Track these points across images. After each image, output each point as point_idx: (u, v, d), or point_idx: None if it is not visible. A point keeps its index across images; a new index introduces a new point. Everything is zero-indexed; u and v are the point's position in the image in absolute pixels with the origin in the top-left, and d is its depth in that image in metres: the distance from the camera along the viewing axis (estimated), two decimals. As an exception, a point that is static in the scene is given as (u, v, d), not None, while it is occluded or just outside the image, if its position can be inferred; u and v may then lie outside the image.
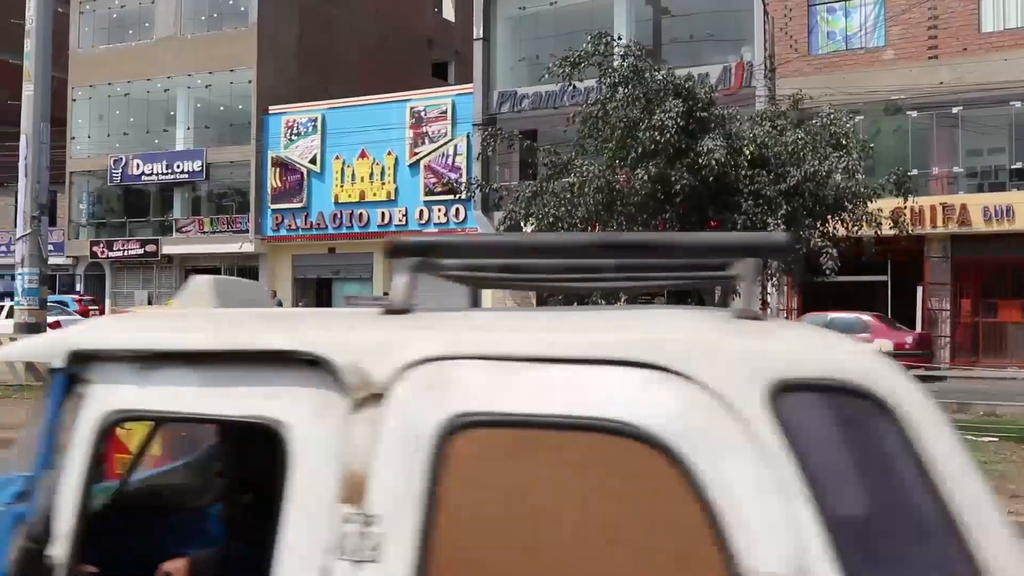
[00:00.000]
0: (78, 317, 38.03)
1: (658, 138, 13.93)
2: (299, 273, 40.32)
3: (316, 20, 42.07)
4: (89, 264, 45.01)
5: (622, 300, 16.56)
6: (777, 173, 14.76)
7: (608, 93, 15.02)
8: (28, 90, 24.05)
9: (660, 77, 14.77)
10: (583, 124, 15.65)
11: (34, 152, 23.77)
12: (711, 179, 14.01)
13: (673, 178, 13.90)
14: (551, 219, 15.15)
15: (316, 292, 40.37)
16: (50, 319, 25.54)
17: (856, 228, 15.91)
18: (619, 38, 15.74)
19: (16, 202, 27.44)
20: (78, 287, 44.87)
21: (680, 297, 13.19)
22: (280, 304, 36.78)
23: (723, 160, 13.85)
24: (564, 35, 17.55)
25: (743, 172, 14.49)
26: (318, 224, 38.69)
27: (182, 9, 42.69)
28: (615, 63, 15.48)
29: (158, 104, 43.93)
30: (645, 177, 13.88)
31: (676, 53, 29.46)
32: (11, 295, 36.13)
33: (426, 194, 36.37)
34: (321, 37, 42.09)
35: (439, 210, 36.08)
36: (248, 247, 39.96)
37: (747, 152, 14.56)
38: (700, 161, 13.86)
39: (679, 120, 14.03)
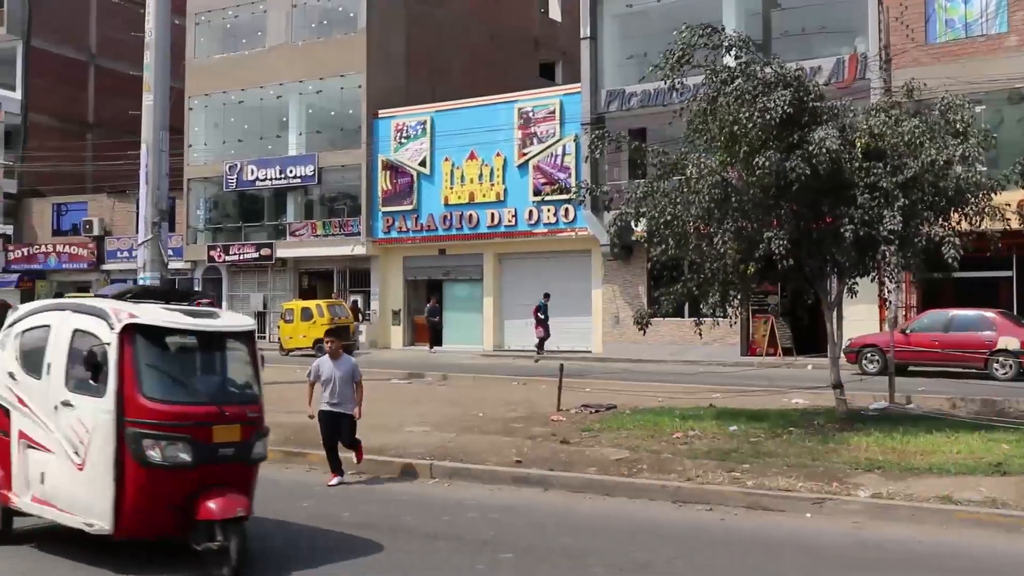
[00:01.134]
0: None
1: (760, 121, 13.64)
2: (410, 275, 40.66)
3: (423, 24, 42.41)
4: (207, 268, 46.07)
5: (737, 308, 16.37)
6: (894, 165, 14.31)
7: (716, 90, 14.75)
8: (148, 100, 24.64)
9: (768, 72, 14.48)
10: (690, 123, 15.41)
11: (154, 160, 24.34)
12: (823, 171, 13.65)
13: (789, 167, 13.59)
14: (668, 216, 14.94)
15: (427, 293, 40.69)
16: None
17: (979, 222, 15.29)
18: (722, 28, 15.43)
19: (137, 209, 28.15)
20: (196, 290, 45.89)
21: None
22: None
23: (835, 148, 13.50)
24: (673, 31, 17.30)
25: (858, 163, 14.10)
26: (428, 226, 38.96)
27: (293, 17, 43.42)
28: (723, 60, 15.20)
29: (271, 111, 44.77)
30: (766, 164, 13.56)
31: (787, 46, 28.93)
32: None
33: (535, 194, 36.35)
34: (429, 41, 42.41)
35: (548, 210, 36.02)
36: (360, 249, 40.45)
37: (859, 143, 14.15)
38: (811, 151, 13.53)
39: (786, 107, 13.73)
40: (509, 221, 37.01)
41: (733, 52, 14.84)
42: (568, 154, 35.66)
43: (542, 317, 34.33)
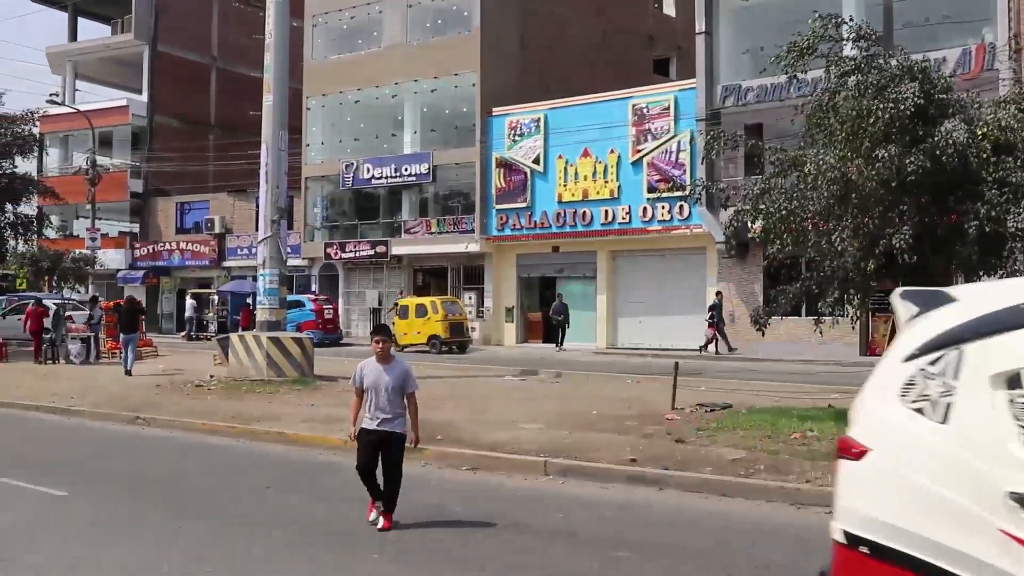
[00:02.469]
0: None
1: (892, 110, 13.27)
2: (523, 272, 40.78)
3: (537, 21, 42.47)
4: (323, 265, 46.90)
5: (857, 308, 15.85)
6: (1024, 159, 13.80)
7: (838, 82, 14.44)
8: (268, 101, 25.22)
9: (894, 64, 14.10)
10: (810, 118, 15.10)
11: (274, 159, 24.89)
12: (949, 165, 13.24)
13: (910, 161, 13.22)
14: (783, 212, 14.68)
15: (540, 291, 40.84)
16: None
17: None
18: (850, 19, 15.10)
19: (257, 207, 28.83)
20: (313, 287, 46.82)
21: None
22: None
23: (963, 141, 13.08)
24: (790, 24, 16.96)
25: (986, 156, 13.63)
26: (542, 223, 39.03)
27: (408, 18, 43.90)
28: (846, 50, 14.90)
29: (386, 110, 45.33)
30: (885, 156, 13.22)
31: (910, 37, 28.14)
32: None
33: (649, 191, 36.12)
34: (542, 38, 42.46)
35: (663, 207, 35.77)
36: (474, 247, 40.72)
37: (985, 133, 13.66)
38: (937, 141, 13.13)
39: (917, 98, 13.35)
40: (623, 218, 36.85)
41: (860, 44, 14.50)
42: (683, 150, 35.35)
43: (712, 319, 33.50)
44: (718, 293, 33.88)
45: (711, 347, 33.25)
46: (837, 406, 16.96)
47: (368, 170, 44.26)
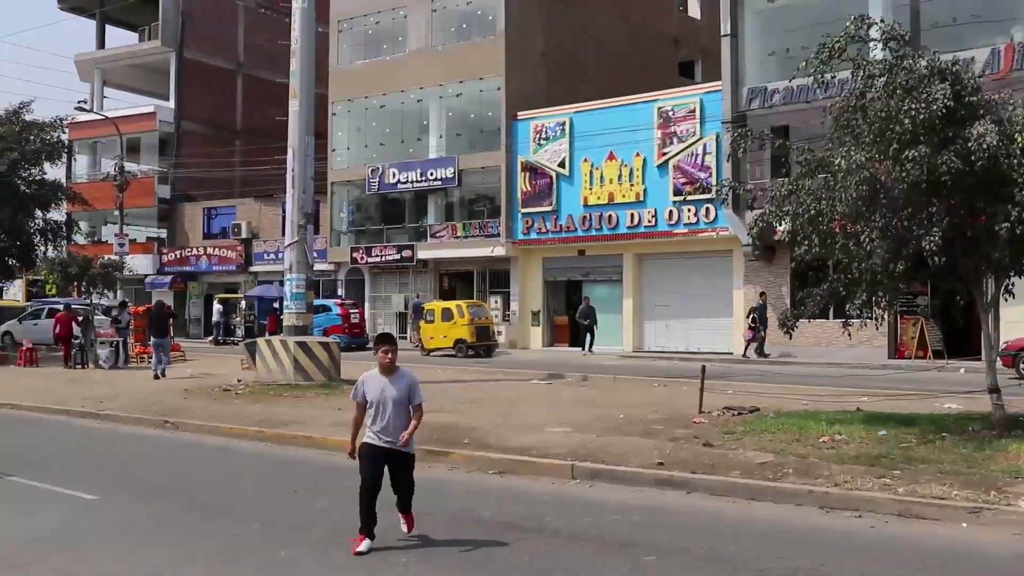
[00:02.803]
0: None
1: (924, 111, 13.14)
2: (549, 276, 40.77)
3: (562, 25, 42.47)
4: (349, 269, 47.03)
5: (884, 310, 15.71)
6: (1057, 160, 13.63)
7: (865, 83, 14.31)
8: (294, 106, 25.32)
9: (924, 64, 13.98)
10: (838, 119, 14.98)
11: (300, 164, 24.98)
12: (979, 166, 13.11)
13: (941, 161, 13.10)
14: (812, 212, 14.57)
15: (566, 294, 40.81)
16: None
17: None
18: (881, 20, 14.98)
19: (284, 212, 28.97)
20: (340, 291, 46.95)
21: None
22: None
23: (994, 144, 12.95)
24: (816, 26, 16.94)
25: (1016, 160, 13.50)
26: (567, 227, 39.00)
27: (433, 22, 43.98)
28: (876, 52, 14.78)
29: (412, 114, 45.41)
30: (916, 156, 13.10)
31: (937, 38, 27.95)
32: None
33: (675, 194, 36.03)
34: (567, 41, 42.46)
35: (689, 210, 35.67)
36: (499, 251, 40.72)
37: (1019, 139, 13.52)
38: (970, 146, 13.00)
39: (947, 100, 13.22)
40: (649, 221, 36.78)
41: (891, 45, 14.40)
42: (709, 153, 35.25)
43: (754, 321, 32.90)
44: (762, 294, 33.30)
45: (750, 350, 32.88)
46: (866, 409, 16.88)
47: (394, 175, 44.36)
